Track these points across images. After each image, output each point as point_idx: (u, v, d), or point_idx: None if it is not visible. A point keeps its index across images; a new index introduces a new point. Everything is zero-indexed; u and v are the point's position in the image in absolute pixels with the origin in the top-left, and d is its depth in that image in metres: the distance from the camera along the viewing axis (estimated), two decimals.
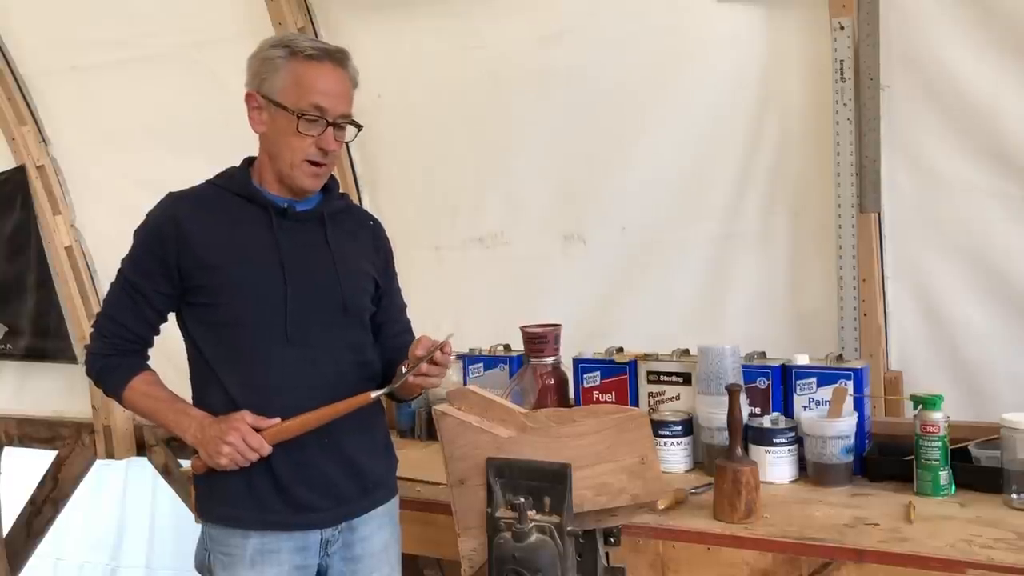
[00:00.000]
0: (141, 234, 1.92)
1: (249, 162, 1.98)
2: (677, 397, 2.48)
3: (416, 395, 2.10)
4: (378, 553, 1.98)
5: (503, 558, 1.70)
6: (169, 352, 2.00)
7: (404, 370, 1.86)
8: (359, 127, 1.95)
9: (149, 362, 1.98)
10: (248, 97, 1.91)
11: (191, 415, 1.87)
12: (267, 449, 1.81)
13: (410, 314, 2.18)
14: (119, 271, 1.94)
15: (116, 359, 1.93)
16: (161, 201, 1.92)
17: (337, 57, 1.89)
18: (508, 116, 2.96)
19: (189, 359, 1.95)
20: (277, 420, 1.82)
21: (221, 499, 1.89)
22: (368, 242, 2.06)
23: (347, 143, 3.06)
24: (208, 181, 1.96)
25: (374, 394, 1.87)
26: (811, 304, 2.63)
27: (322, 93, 1.85)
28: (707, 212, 2.73)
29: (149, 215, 1.92)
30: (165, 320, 1.96)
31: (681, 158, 2.74)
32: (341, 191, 2.09)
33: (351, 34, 3.07)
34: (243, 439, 1.79)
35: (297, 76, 1.85)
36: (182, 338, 1.95)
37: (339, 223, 1.99)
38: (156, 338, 1.98)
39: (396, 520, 2.06)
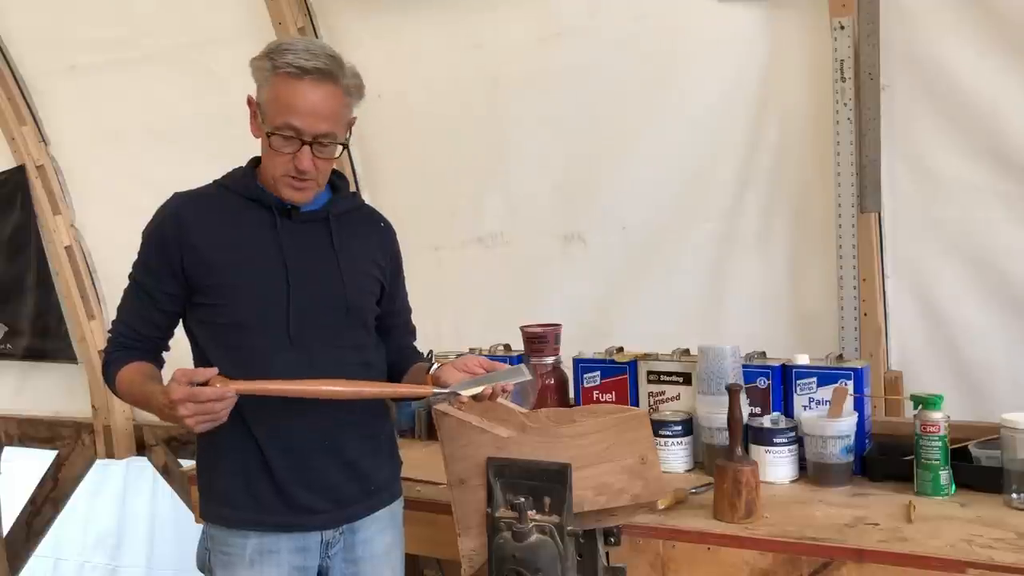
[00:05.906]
0: (146, 235, 1.91)
1: (256, 162, 1.95)
2: (677, 397, 2.47)
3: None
4: (380, 556, 1.98)
5: (503, 558, 1.70)
6: (173, 355, 1.99)
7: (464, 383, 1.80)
8: (345, 146, 1.87)
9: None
10: (248, 101, 1.88)
11: (155, 391, 1.76)
12: (229, 391, 1.66)
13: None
14: (129, 275, 1.93)
15: (116, 353, 1.91)
16: (166, 201, 1.91)
17: (316, 74, 1.76)
18: (508, 116, 2.96)
19: (194, 362, 1.92)
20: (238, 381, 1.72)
21: (220, 499, 1.88)
22: (376, 243, 2.03)
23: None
24: (214, 181, 1.95)
25: (435, 390, 1.82)
26: (811, 304, 2.63)
27: (296, 113, 1.77)
28: (707, 212, 2.74)
29: (154, 215, 1.91)
30: (175, 323, 1.93)
31: (681, 158, 2.75)
32: (352, 191, 2.06)
33: (351, 34, 3.08)
34: (191, 401, 1.65)
35: (276, 92, 1.79)
36: (187, 340, 1.94)
37: (346, 223, 1.96)
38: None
39: (399, 523, 2.05)
